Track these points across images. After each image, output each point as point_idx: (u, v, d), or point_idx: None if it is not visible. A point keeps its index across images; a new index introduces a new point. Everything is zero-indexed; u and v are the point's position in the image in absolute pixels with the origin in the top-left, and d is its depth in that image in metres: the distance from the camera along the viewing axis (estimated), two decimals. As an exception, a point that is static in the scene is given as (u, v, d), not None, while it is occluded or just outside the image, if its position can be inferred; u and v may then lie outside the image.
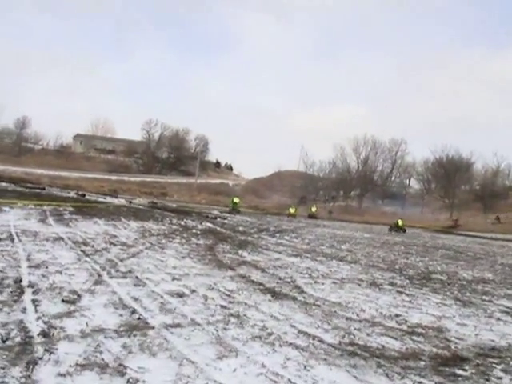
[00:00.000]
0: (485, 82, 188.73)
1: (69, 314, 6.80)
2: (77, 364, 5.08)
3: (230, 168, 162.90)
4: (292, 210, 71.00)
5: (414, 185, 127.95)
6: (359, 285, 12.56)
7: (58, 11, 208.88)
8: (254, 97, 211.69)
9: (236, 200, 63.81)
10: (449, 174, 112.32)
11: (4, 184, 43.31)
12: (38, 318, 6.42)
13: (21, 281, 8.47)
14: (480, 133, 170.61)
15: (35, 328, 6.02)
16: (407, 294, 11.79)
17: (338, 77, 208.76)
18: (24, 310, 6.72)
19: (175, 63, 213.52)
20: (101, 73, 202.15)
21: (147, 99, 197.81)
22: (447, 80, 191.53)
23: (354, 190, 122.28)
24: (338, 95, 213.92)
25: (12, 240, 13.34)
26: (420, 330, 8.20)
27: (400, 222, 58.24)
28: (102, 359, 5.30)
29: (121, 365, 5.21)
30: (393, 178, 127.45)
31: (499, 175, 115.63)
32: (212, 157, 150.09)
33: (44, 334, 5.86)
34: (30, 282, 8.47)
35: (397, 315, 9.17)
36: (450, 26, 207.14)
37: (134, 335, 6.21)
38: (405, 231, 55.34)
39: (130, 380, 4.90)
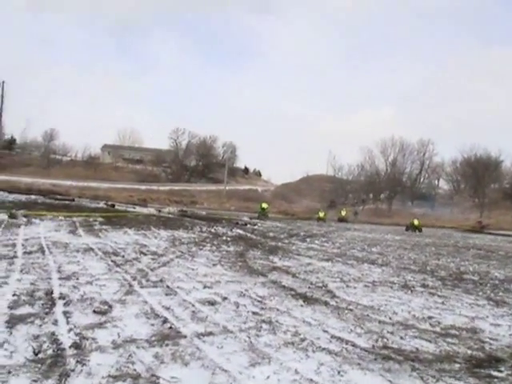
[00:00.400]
0: (509, 80, 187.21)
1: (100, 325, 6.78)
2: (109, 375, 5.05)
3: (259, 174, 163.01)
4: (321, 214, 70.87)
5: (443, 185, 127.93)
6: (391, 287, 12.47)
7: (81, 22, 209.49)
8: (281, 102, 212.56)
9: (264, 205, 63.49)
10: (478, 174, 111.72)
11: (33, 196, 43.82)
12: (70, 330, 6.40)
13: (52, 293, 8.48)
14: (508, 131, 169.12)
15: (67, 340, 6.00)
16: (439, 296, 11.69)
17: (365, 80, 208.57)
18: (55, 322, 6.72)
19: (201, 71, 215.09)
20: (127, 83, 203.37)
21: (174, 108, 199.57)
22: (474, 79, 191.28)
23: (383, 193, 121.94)
24: (365, 98, 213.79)
25: (43, 252, 13.40)
26: (454, 332, 8.11)
27: (416, 222, 59.13)
28: (135, 370, 5.26)
29: (153, 375, 5.17)
30: (422, 179, 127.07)
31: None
32: (240, 163, 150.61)
33: (76, 345, 5.84)
34: (61, 293, 8.48)
35: (430, 317, 9.08)
36: (476, 25, 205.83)
37: (166, 345, 6.17)
38: (421, 230, 56.13)
39: (163, 390, 4.87)
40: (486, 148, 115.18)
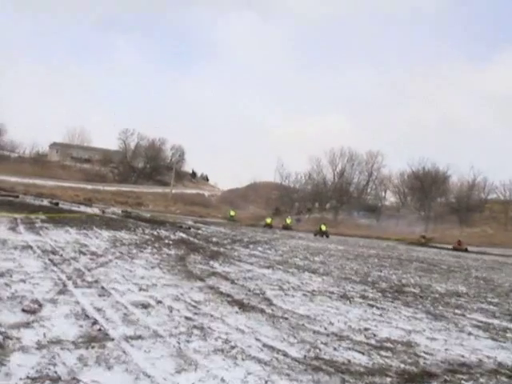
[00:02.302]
0: (461, 95, 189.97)
1: (27, 325, 6.65)
2: (27, 377, 4.94)
3: (206, 178, 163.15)
4: (268, 220, 71.98)
5: (390, 197, 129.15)
6: (330, 297, 12.48)
7: (33, 12, 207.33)
8: (231, 106, 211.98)
9: (232, 213, 75.18)
10: (425, 187, 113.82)
11: (-23, 192, 42.99)
12: (-6, 329, 6.28)
13: (-19, 290, 8.32)
14: (456, 146, 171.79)
15: (-11, 338, 5.88)
16: (378, 308, 11.73)
17: (317, 88, 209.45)
18: (-20, 320, 6.58)
19: (153, 71, 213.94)
20: (77, 81, 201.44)
21: (124, 108, 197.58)
22: (424, 93, 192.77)
23: (329, 202, 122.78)
24: (317, 107, 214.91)
25: (-22, 248, 13.17)
26: (388, 345, 8.12)
27: (323, 227, 63.65)
28: (55, 372, 5.16)
29: (74, 378, 5.07)
30: (369, 190, 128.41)
31: (475, 188, 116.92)
32: (188, 167, 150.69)
33: (-2, 344, 5.72)
34: (-10, 291, 8.31)
35: (366, 329, 9.10)
36: (427, 38, 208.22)
37: (92, 347, 6.07)
38: (328, 236, 59.82)
39: (82, 394, 4.79)
40: (434, 162, 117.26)
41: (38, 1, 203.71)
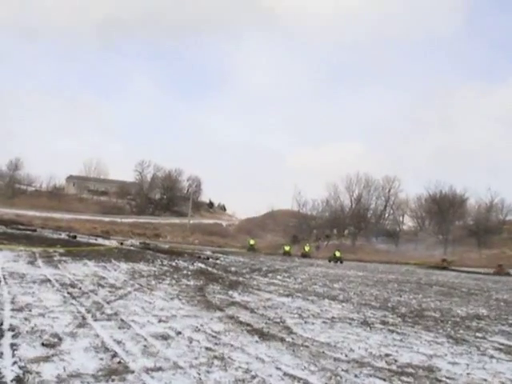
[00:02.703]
0: (477, 118, 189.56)
1: (47, 359, 6.62)
2: (48, 411, 4.92)
3: (224, 208, 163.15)
4: (287, 248, 72.16)
5: (408, 222, 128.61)
6: (350, 324, 12.40)
7: (47, 44, 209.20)
8: (248, 136, 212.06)
9: (252, 242, 74.05)
10: (442, 210, 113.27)
11: (-5, 226, 43.17)
12: (14, 363, 6.25)
13: (1, 324, 8.31)
14: (473, 168, 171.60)
15: (9, 373, 5.85)
16: (398, 333, 11.64)
17: (333, 115, 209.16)
18: (0, 355, 6.55)
19: (168, 102, 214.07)
20: (93, 113, 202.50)
21: (140, 140, 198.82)
22: (440, 116, 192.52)
23: (347, 229, 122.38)
24: (333, 133, 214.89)
25: (-2, 282, 13.19)
26: (410, 370, 8.03)
27: (337, 253, 64.79)
28: (76, 406, 5.13)
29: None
30: (386, 216, 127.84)
31: (493, 210, 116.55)
32: (205, 197, 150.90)
33: (18, 379, 5.69)
34: (10, 325, 8.30)
35: (387, 355, 9.01)
36: (441, 63, 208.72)
37: (112, 380, 6.03)
38: (342, 262, 60.52)
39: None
40: (452, 185, 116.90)
41: (54, 34, 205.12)
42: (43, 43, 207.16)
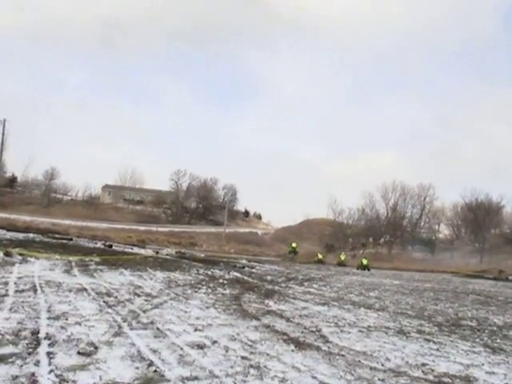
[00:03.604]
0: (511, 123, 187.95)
1: (83, 367, 6.63)
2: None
3: (259, 217, 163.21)
4: (320, 256, 71.86)
5: (444, 230, 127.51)
6: (386, 333, 12.34)
7: (80, 54, 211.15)
8: (282, 143, 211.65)
9: (294, 245, 74.52)
10: (478, 218, 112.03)
11: (31, 235, 43.52)
12: (51, 371, 6.26)
13: (38, 332, 8.35)
14: (510, 176, 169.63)
15: (46, 382, 5.87)
16: (435, 342, 11.56)
17: (367, 123, 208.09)
18: (37, 363, 6.58)
19: (202, 111, 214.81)
20: (128, 123, 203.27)
21: (175, 148, 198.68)
22: (476, 122, 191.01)
23: (383, 237, 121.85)
24: (367, 141, 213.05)
25: (35, 291, 13.28)
26: (447, 380, 7.95)
27: (365, 262, 65.38)
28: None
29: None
30: (422, 224, 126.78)
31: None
32: (241, 206, 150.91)
33: (55, 388, 5.69)
34: (47, 333, 8.34)
35: (423, 364, 8.93)
36: (479, 67, 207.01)
37: (149, 389, 6.02)
38: (369, 269, 61.06)
39: None
40: (487, 193, 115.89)
41: (88, 42, 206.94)
42: (76, 54, 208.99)
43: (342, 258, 75.17)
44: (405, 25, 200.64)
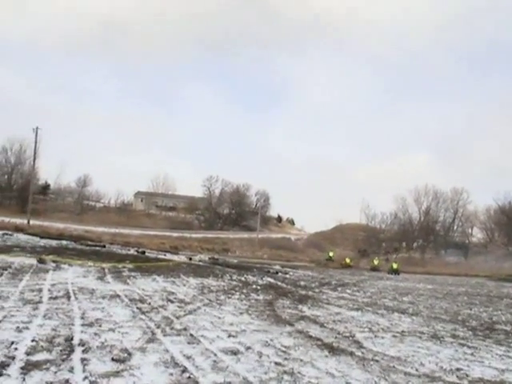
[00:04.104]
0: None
1: (117, 374, 6.63)
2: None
3: (292, 222, 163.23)
4: (348, 260, 72.20)
5: (477, 233, 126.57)
6: (420, 338, 12.25)
7: (112, 62, 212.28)
8: (314, 148, 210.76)
9: (331, 254, 77.02)
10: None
11: (65, 242, 43.86)
12: (85, 378, 6.28)
13: (72, 339, 8.39)
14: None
15: (80, 388, 5.86)
16: (469, 347, 11.45)
17: (400, 127, 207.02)
18: (71, 370, 6.59)
19: (234, 117, 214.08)
20: (160, 129, 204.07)
21: (207, 155, 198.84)
22: (507, 126, 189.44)
23: (416, 241, 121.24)
24: (399, 145, 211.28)
25: (68, 298, 13.37)
26: (482, 385, 7.86)
27: (395, 266, 66.32)
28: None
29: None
30: (455, 228, 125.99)
31: None
32: (273, 211, 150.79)
33: (89, 394, 5.69)
34: (81, 340, 8.37)
35: (458, 369, 8.83)
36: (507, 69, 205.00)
37: (183, 395, 6.00)
38: (398, 274, 62.08)
39: None
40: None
41: (118, 51, 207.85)
42: (108, 61, 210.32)
43: (376, 262, 75.17)
44: (436, 25, 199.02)
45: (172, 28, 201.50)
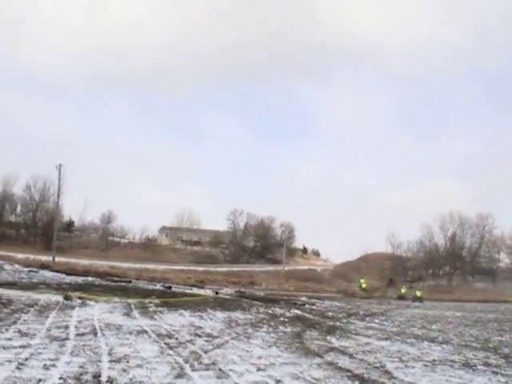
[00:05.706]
0: None
1: (146, 410, 6.55)
2: None
3: (318, 253, 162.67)
4: (364, 285, 73.03)
5: (505, 258, 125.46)
6: (451, 366, 12.09)
7: (137, 100, 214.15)
8: (338, 178, 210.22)
9: (364, 285, 78.41)
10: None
11: (90, 278, 44.11)
12: (115, 415, 6.20)
13: (100, 376, 8.33)
14: None
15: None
16: (503, 375, 11.28)
17: (422, 152, 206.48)
18: (100, 407, 6.52)
19: (256, 148, 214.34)
20: (183, 163, 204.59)
21: (231, 188, 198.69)
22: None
23: (442, 269, 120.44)
24: (424, 171, 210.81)
25: (95, 334, 13.37)
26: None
27: (418, 293, 67.65)
28: None
29: None
30: (482, 253, 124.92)
31: None
32: (299, 243, 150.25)
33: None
34: (109, 377, 8.30)
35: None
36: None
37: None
38: (422, 301, 62.92)
39: None
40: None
41: (143, 84, 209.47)
42: (130, 95, 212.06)
43: (403, 291, 75.15)
44: (459, 48, 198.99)
45: (198, 60, 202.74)
